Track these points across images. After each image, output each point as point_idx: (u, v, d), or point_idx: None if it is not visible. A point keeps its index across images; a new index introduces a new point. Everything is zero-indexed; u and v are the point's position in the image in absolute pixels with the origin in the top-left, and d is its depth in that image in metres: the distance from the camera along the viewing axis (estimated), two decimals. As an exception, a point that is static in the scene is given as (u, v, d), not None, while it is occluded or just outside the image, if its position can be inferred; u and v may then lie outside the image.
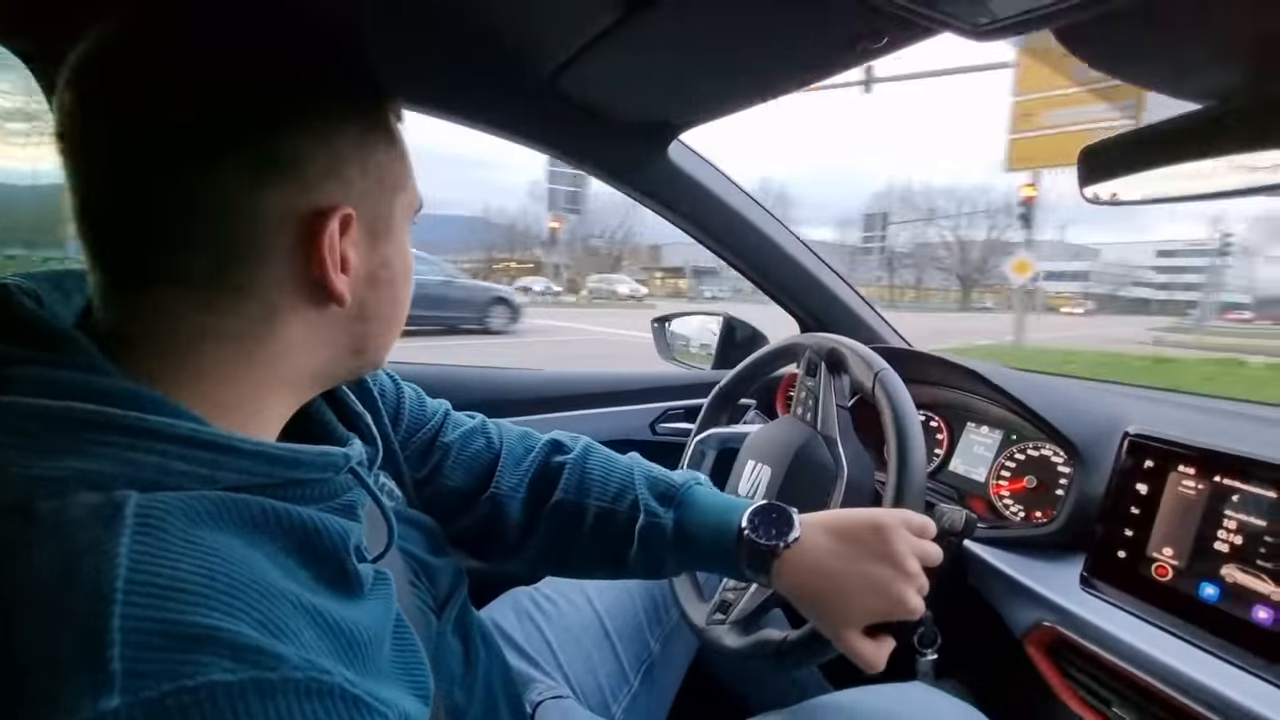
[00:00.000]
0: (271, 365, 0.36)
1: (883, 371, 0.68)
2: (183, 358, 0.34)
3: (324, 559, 0.33)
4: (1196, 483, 0.62)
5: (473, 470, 0.61)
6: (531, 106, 0.86)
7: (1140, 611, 0.62)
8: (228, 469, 0.31)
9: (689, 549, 0.58)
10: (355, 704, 0.28)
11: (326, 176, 0.35)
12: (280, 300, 0.35)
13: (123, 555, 0.25)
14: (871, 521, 0.53)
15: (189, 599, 0.25)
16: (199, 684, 0.24)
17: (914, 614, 0.50)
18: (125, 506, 0.26)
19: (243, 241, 0.33)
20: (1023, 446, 0.87)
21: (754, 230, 1.08)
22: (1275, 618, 0.54)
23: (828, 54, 0.64)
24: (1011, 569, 0.73)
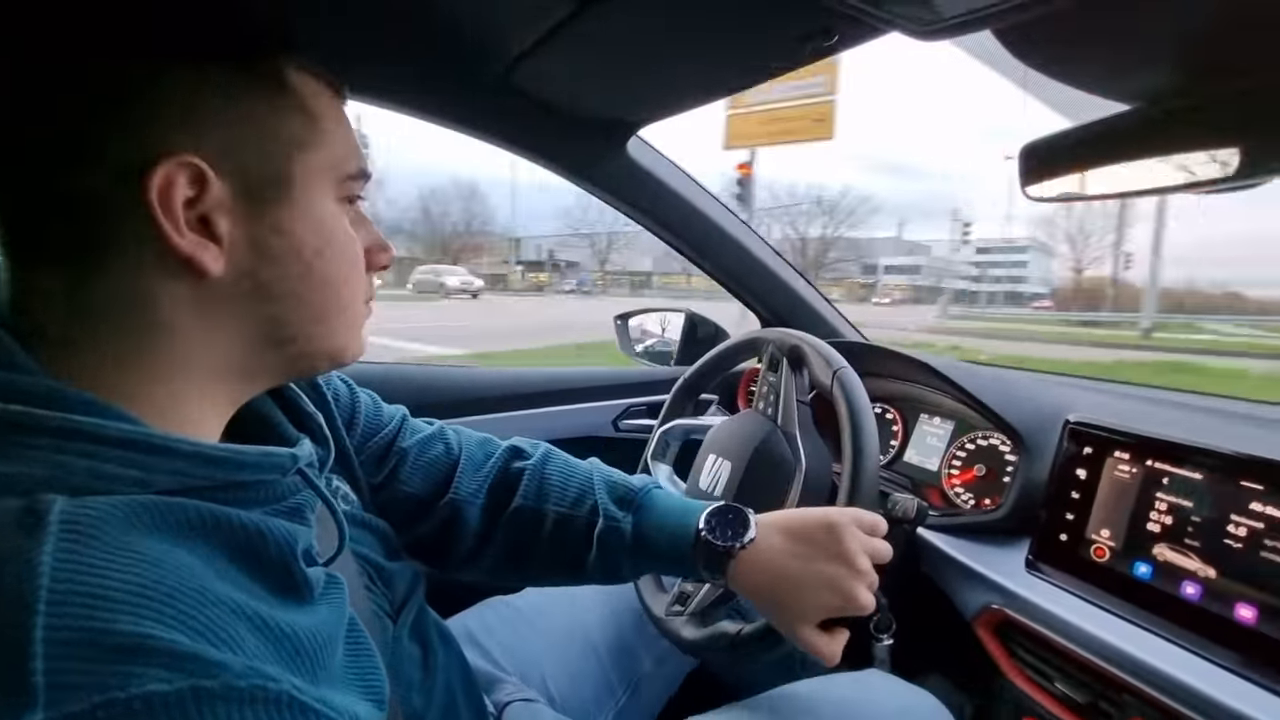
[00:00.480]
0: (174, 356, 0.33)
1: (841, 370, 0.70)
2: (94, 351, 0.31)
3: (268, 564, 0.32)
4: (1131, 467, 0.65)
5: (430, 476, 0.60)
6: (488, 101, 0.85)
7: (1080, 591, 0.65)
8: (162, 471, 0.29)
9: (646, 552, 0.58)
10: (303, 711, 0.27)
11: (164, 123, 0.31)
12: (144, 279, 0.32)
13: (45, 564, 0.23)
14: (825, 521, 0.54)
15: (118, 607, 0.24)
16: (131, 695, 0.22)
17: (865, 610, 0.52)
18: (50, 513, 0.25)
19: (79, 202, 0.30)
20: (972, 436, 0.90)
21: (714, 227, 1.08)
22: (1201, 593, 0.57)
23: (780, 51, 0.65)
24: (962, 555, 0.76)
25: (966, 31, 0.53)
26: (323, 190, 0.36)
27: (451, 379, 1.13)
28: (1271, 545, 0.54)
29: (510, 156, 0.98)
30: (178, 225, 0.31)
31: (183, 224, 0.31)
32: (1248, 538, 0.56)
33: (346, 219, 0.38)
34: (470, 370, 1.20)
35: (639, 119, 0.90)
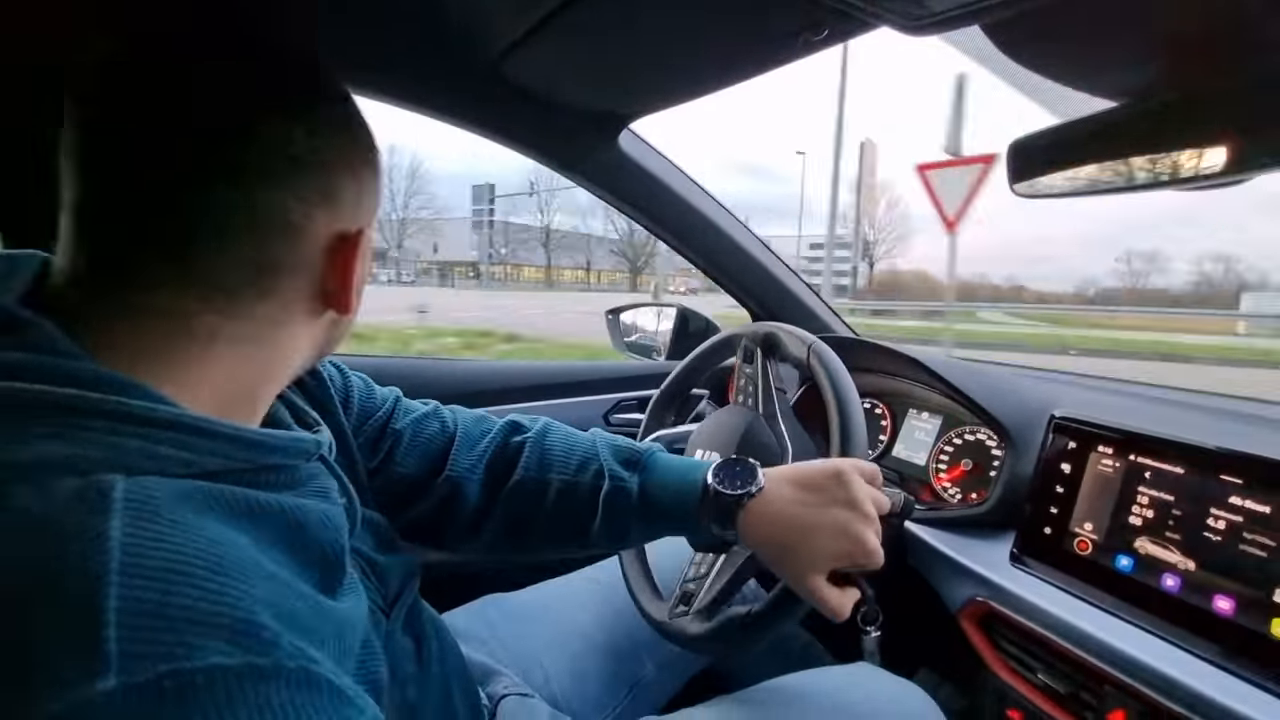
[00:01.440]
0: (272, 363, 0.38)
1: (815, 343, 0.71)
2: (185, 356, 0.34)
3: (310, 546, 0.34)
4: (1114, 461, 0.66)
5: (427, 455, 0.60)
6: (479, 92, 0.84)
7: (1063, 584, 0.66)
8: (209, 453, 0.31)
9: (654, 511, 0.58)
10: (339, 697, 0.28)
11: (355, 204, 0.39)
12: (295, 307, 0.38)
13: (115, 538, 0.25)
14: (832, 468, 0.55)
15: (185, 581, 0.25)
16: (196, 667, 0.23)
17: (873, 555, 0.52)
18: (114, 490, 0.26)
19: (286, 255, 0.36)
20: (960, 431, 0.91)
21: (705, 221, 1.08)
22: (1181, 585, 0.58)
23: (771, 46, 0.65)
24: (948, 548, 0.77)
25: (955, 27, 0.53)
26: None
27: (442, 372, 1.13)
28: (1250, 538, 0.55)
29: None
30: (359, 280, 0.39)
31: (360, 278, 0.39)
32: (1227, 531, 0.57)
33: None
34: (462, 363, 1.20)
35: (630, 112, 0.89)
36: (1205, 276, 53.04)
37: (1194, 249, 67.17)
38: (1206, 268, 54.67)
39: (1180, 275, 54.60)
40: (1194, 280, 52.81)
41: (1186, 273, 55.15)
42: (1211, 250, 72.98)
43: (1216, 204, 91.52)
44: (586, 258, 48.88)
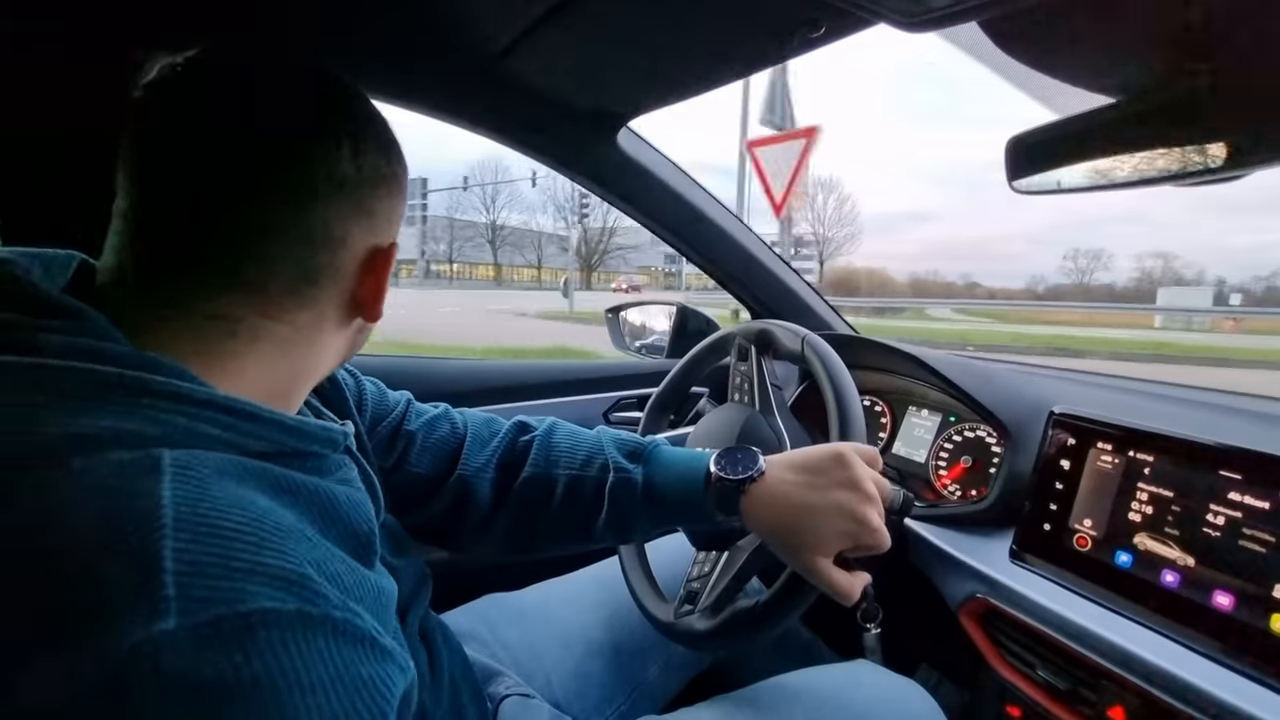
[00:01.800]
0: (306, 365, 0.41)
1: (808, 335, 0.72)
2: (227, 352, 0.36)
3: (343, 526, 0.36)
4: (1113, 458, 0.66)
5: (439, 456, 0.61)
6: (477, 91, 0.84)
7: (1063, 580, 0.66)
8: (250, 435, 0.33)
9: (659, 500, 0.59)
10: (383, 653, 0.29)
11: (388, 219, 0.42)
12: (330, 314, 0.40)
13: (167, 499, 0.27)
14: (831, 451, 0.56)
15: (237, 536, 0.27)
16: (251, 610, 0.25)
17: (877, 535, 0.52)
18: (162, 460, 0.28)
19: (326, 267, 0.39)
20: (960, 428, 0.91)
21: (704, 219, 1.08)
22: (1180, 581, 0.58)
23: (769, 43, 0.65)
24: (947, 545, 0.77)
25: (953, 23, 0.53)
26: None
27: (445, 371, 1.14)
28: (1249, 534, 0.55)
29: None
30: (384, 290, 0.42)
31: (384, 290, 0.42)
32: (1226, 526, 0.57)
33: None
34: (464, 363, 1.20)
35: (629, 110, 0.89)
36: (1146, 273, 55.61)
37: (1137, 246, 72.03)
38: (1147, 264, 57.55)
39: (1123, 271, 57.55)
40: (1136, 276, 55.43)
41: (1129, 269, 57.87)
42: (1152, 248, 77.71)
43: (1158, 203, 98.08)
44: (538, 255, 48.49)
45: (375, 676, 0.28)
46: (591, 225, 42.52)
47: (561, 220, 44.27)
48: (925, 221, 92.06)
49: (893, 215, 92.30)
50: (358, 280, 0.40)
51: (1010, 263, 79.26)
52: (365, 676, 0.28)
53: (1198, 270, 57.23)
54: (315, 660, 0.26)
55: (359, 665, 0.28)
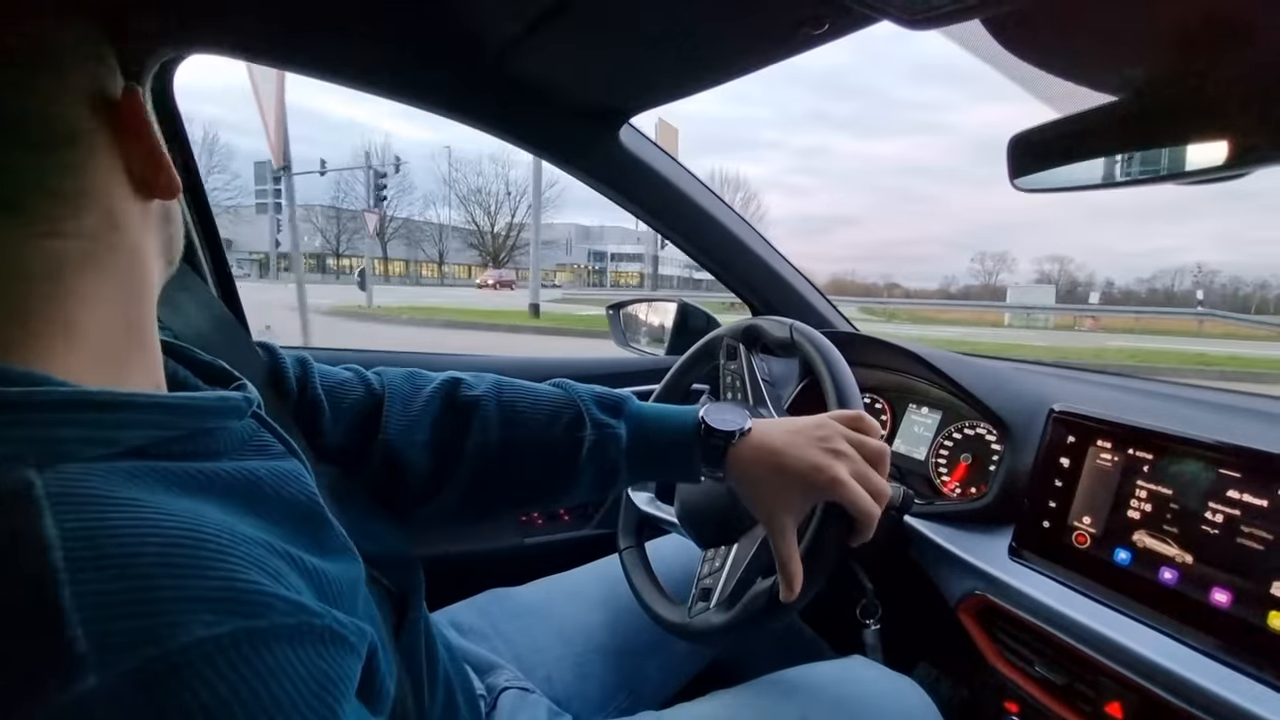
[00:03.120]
0: (131, 284, 0.33)
1: (795, 323, 0.72)
2: (41, 311, 0.29)
3: (279, 508, 0.31)
4: (1113, 455, 0.66)
5: (355, 420, 0.55)
6: (478, 87, 0.84)
7: (1062, 578, 0.66)
8: (127, 427, 0.27)
9: (646, 454, 0.59)
10: (344, 644, 0.27)
11: (99, 61, 0.32)
12: (115, 207, 0.32)
13: (51, 536, 0.22)
14: (814, 418, 0.57)
15: (147, 559, 0.23)
16: (185, 643, 0.21)
17: (842, 489, 0.52)
18: (32, 489, 0.23)
19: (62, 138, 0.30)
20: (959, 426, 0.91)
21: (705, 216, 1.08)
22: (1178, 578, 0.58)
23: (771, 40, 0.65)
24: (947, 542, 0.77)
25: (956, 20, 0.53)
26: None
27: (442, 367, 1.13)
28: (1247, 531, 0.55)
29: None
30: (157, 149, 0.34)
31: (158, 148, 0.34)
32: (1224, 524, 0.57)
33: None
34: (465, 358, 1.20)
35: (631, 106, 0.89)
36: (1045, 275, 61.93)
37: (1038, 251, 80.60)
38: (1045, 267, 64.43)
39: (1024, 274, 63.03)
40: (1035, 278, 60.30)
41: (1029, 271, 63.79)
42: (1050, 252, 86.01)
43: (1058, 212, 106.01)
44: (439, 249, 45.74)
45: (334, 671, 0.26)
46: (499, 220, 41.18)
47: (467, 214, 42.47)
48: (848, 225, 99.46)
49: (818, 218, 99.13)
50: (117, 149, 0.32)
51: (928, 264, 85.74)
52: (324, 673, 0.25)
53: (1089, 272, 65.01)
54: (270, 676, 0.23)
55: (317, 662, 0.25)
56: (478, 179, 36.18)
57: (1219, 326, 16.90)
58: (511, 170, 37.44)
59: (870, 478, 0.54)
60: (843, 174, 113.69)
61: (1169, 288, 60.14)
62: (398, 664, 0.43)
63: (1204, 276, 61.08)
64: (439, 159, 44.81)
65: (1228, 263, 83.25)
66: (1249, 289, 61.57)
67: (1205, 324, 16.87)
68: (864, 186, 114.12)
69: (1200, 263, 68.71)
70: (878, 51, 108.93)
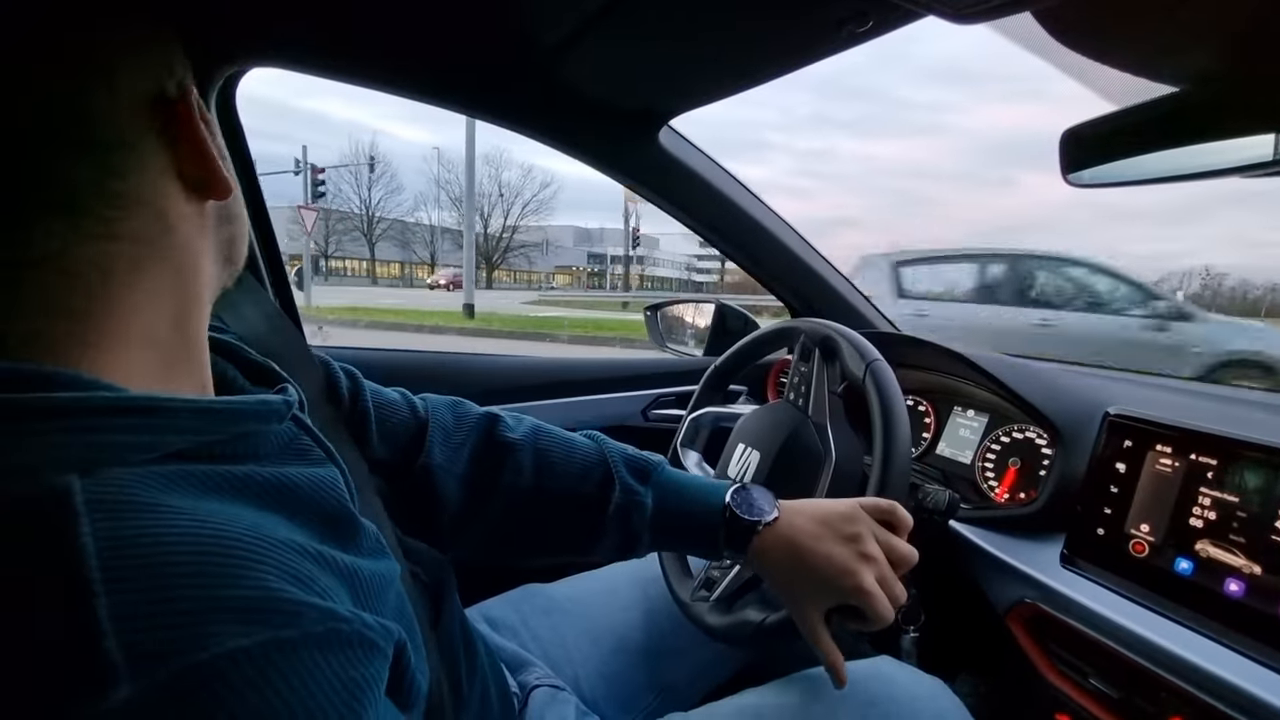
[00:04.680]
0: (181, 288, 0.33)
1: (875, 363, 0.68)
2: (90, 313, 0.30)
3: (313, 510, 0.32)
4: (1173, 461, 0.64)
5: (398, 441, 0.56)
6: (524, 92, 0.86)
7: (1118, 587, 0.64)
8: (169, 432, 0.28)
9: (670, 526, 0.59)
10: (373, 649, 0.27)
11: (163, 59, 0.33)
12: (166, 208, 0.32)
13: (88, 546, 0.22)
14: (846, 507, 0.55)
15: (183, 571, 0.23)
16: (215, 655, 0.22)
17: (867, 597, 0.51)
18: (71, 494, 0.23)
19: (117, 140, 0.30)
20: (1007, 429, 0.89)
21: (745, 217, 1.08)
22: (1245, 590, 0.56)
23: (814, 37, 0.64)
24: (995, 548, 0.75)
25: (1005, 13, 0.52)
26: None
27: (476, 367, 1.15)
28: (1322, 542, 0.53)
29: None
30: (214, 147, 0.34)
31: (210, 148, 0.34)
32: (1296, 534, 0.54)
33: None
34: (498, 359, 1.22)
35: (671, 108, 0.90)
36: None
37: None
38: None
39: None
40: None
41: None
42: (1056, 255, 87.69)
43: (1072, 212, 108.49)
44: (431, 251, 44.57)
45: (361, 676, 0.26)
46: (493, 222, 40.50)
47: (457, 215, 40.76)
48: (851, 227, 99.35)
49: (820, 220, 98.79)
50: (169, 150, 0.32)
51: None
52: (352, 679, 0.25)
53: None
54: (300, 685, 0.23)
55: (346, 668, 0.25)
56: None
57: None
58: (505, 172, 37.26)
59: (892, 585, 0.52)
60: (845, 176, 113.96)
61: (1177, 290, 59.93)
62: (434, 656, 0.43)
63: (1212, 279, 60.30)
64: (430, 160, 44.59)
65: (1237, 265, 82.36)
66: (1259, 291, 60.41)
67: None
68: (867, 188, 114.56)
69: (1208, 265, 68.71)
70: (882, 53, 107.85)
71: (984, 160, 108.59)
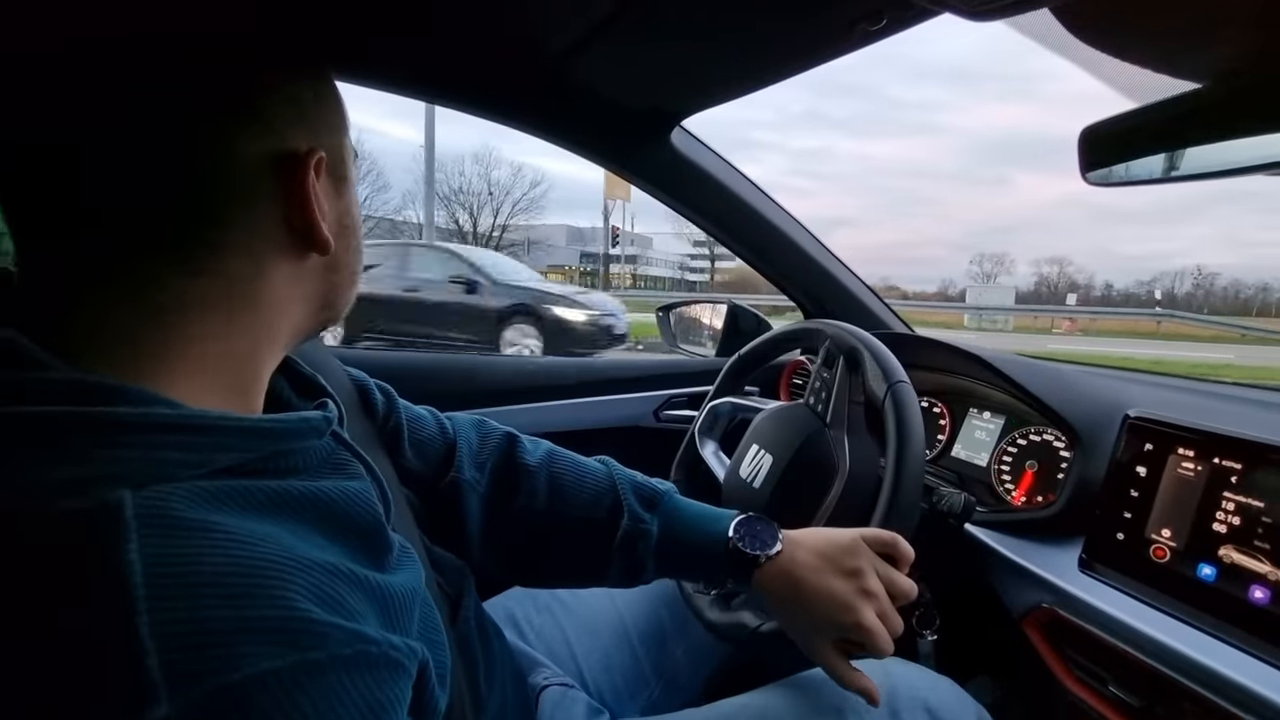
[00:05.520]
0: (257, 327, 0.35)
1: (896, 385, 0.67)
2: (164, 335, 0.31)
3: (345, 525, 0.33)
4: (1196, 465, 0.62)
5: (428, 455, 0.59)
6: (534, 92, 0.86)
7: (1138, 593, 0.62)
8: (217, 449, 0.29)
9: (674, 555, 0.59)
10: (399, 669, 0.28)
11: (294, 121, 0.35)
12: (263, 255, 0.34)
13: (135, 562, 0.23)
14: (848, 539, 0.55)
15: (217, 591, 0.24)
16: (248, 675, 0.23)
17: (868, 634, 0.51)
18: (124, 509, 0.24)
19: (221, 192, 0.32)
20: (1024, 431, 0.88)
21: (757, 217, 1.08)
22: (1271, 597, 0.54)
23: (827, 36, 0.64)
24: (1011, 552, 0.74)
25: (1021, 10, 0.51)
26: (351, 166, 0.40)
27: (490, 368, 1.16)
28: (1351, 549, 0.51)
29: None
30: (321, 210, 0.36)
31: (323, 208, 0.36)
32: (1324, 540, 0.53)
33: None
34: (510, 360, 1.23)
35: (683, 108, 0.90)
36: (1044, 277, 63.69)
37: (1039, 252, 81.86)
38: (1044, 269, 65.16)
39: (1023, 276, 63.94)
40: (1035, 279, 62.99)
41: (1028, 273, 64.88)
42: (1048, 254, 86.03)
43: (1065, 212, 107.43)
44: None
45: (386, 696, 0.27)
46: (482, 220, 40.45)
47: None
48: (848, 227, 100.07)
49: (817, 220, 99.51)
50: (284, 201, 0.34)
51: (930, 267, 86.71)
52: (377, 699, 0.26)
53: (1089, 275, 66.20)
54: (326, 706, 0.24)
55: (372, 689, 0.26)
56: (460, 179, 35.97)
57: (1176, 327, 16.82)
58: (494, 170, 37.04)
59: (892, 619, 0.52)
60: (842, 176, 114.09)
61: (1169, 290, 61.34)
62: (453, 654, 0.44)
63: (1204, 279, 61.98)
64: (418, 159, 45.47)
65: (1229, 265, 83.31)
66: (1250, 291, 62.04)
67: (1163, 325, 17.09)
68: (863, 188, 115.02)
69: (1200, 265, 71.42)
70: (875, 51, 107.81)
71: (979, 159, 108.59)
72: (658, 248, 54.94)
